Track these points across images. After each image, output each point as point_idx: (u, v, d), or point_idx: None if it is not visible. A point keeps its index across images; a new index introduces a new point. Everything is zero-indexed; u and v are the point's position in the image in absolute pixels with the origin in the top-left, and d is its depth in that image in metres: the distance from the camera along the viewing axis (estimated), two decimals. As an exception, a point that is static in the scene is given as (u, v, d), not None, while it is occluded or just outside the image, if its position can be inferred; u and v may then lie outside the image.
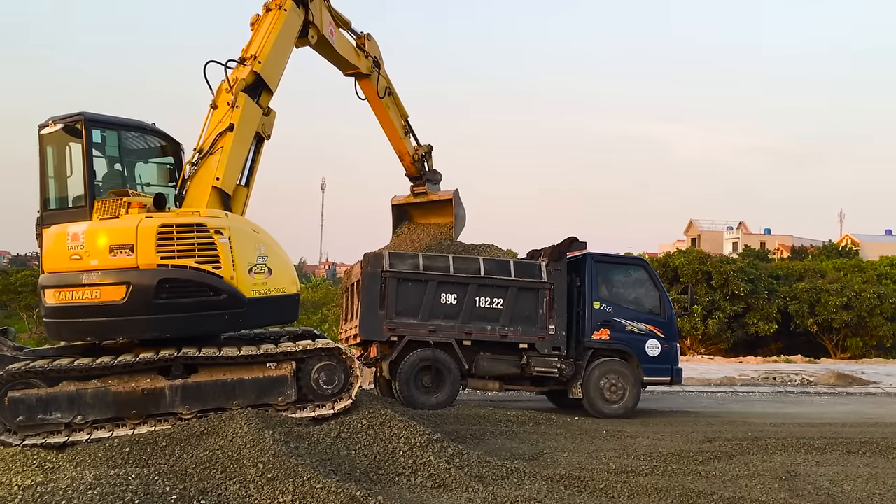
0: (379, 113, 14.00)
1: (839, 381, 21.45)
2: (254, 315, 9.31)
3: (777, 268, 38.79)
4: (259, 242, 9.43)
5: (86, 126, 9.44)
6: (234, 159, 10.06)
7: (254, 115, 10.36)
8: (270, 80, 10.61)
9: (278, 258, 9.60)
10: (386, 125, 14.18)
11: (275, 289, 9.42)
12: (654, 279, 14.38)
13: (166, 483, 6.73)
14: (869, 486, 8.12)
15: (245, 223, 9.70)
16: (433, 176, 14.87)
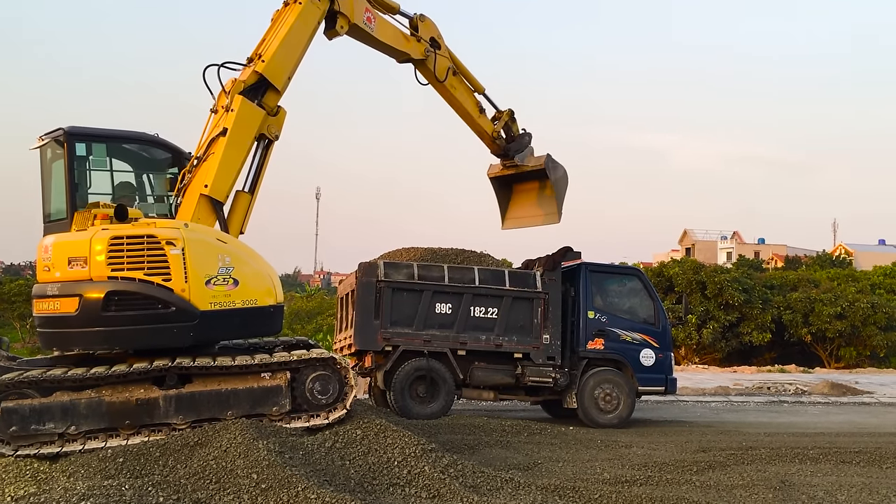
0: (444, 96, 13.11)
1: (833, 390, 21.47)
2: (212, 328, 9.03)
3: (771, 277, 38.86)
4: (223, 253, 9.14)
5: (67, 140, 9.53)
6: (226, 165, 9.82)
7: (252, 117, 10.02)
8: (276, 78, 10.20)
9: (249, 269, 9.32)
10: (455, 107, 13.27)
11: (242, 301, 9.15)
12: (649, 289, 14.41)
13: (160, 494, 6.71)
14: (863, 496, 8.13)
15: (208, 233, 9.37)
16: (520, 143, 13.78)
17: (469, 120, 13.36)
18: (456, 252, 14.41)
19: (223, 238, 9.43)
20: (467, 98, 13.19)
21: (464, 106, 13.13)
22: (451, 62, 12.83)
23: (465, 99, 13.13)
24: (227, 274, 9.05)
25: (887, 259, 50.32)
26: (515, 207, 14.69)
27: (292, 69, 10.43)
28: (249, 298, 9.21)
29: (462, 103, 13.10)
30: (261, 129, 10.15)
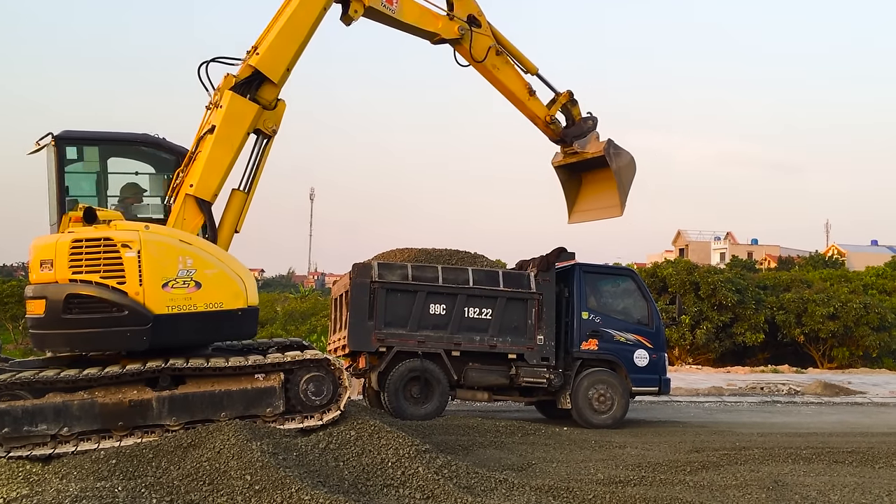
0: (487, 77, 12.23)
1: (826, 391, 21.55)
2: (169, 332, 8.84)
3: (764, 278, 38.99)
4: (185, 255, 8.92)
5: (56, 144, 9.58)
6: (213, 163, 9.58)
7: (242, 112, 9.71)
8: (272, 70, 9.81)
9: (214, 271, 9.06)
10: (500, 89, 12.37)
11: (205, 304, 8.94)
12: (643, 289, 14.43)
13: (153, 495, 6.70)
14: (855, 496, 8.15)
15: (171, 235, 9.11)
16: (580, 128, 12.73)
17: (518, 103, 12.44)
18: (450, 253, 14.42)
19: (188, 240, 9.14)
20: (514, 80, 12.24)
21: (509, 88, 12.20)
22: (493, 41, 11.90)
23: (510, 80, 12.19)
24: (187, 276, 8.88)
25: (880, 260, 50.50)
26: (582, 199, 13.66)
27: (292, 60, 10.00)
28: (213, 301, 8.99)
29: (507, 85, 12.18)
30: (254, 124, 9.84)
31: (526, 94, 12.33)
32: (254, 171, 10.05)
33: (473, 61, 11.86)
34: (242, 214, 9.97)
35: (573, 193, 13.71)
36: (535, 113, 12.51)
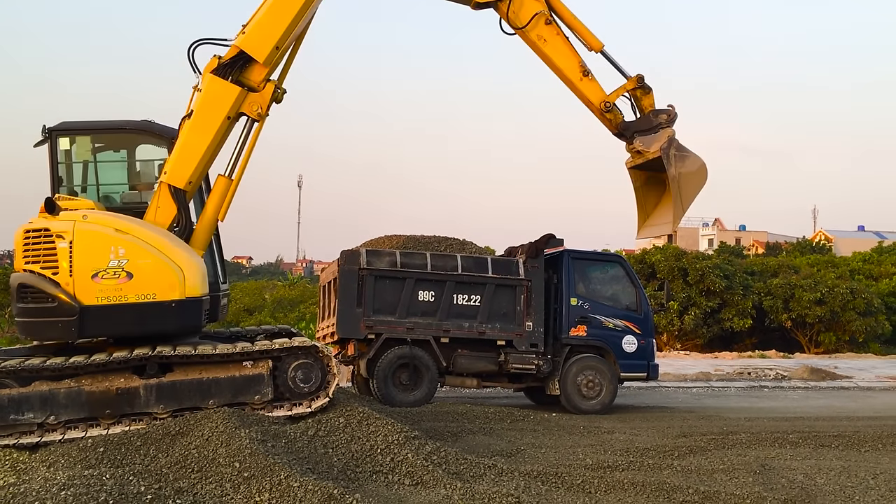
0: (534, 49, 10.77)
1: (812, 375, 21.68)
2: (99, 323, 8.76)
3: (752, 264, 39.15)
4: (118, 245, 8.74)
5: (49, 135, 9.59)
6: (188, 150, 9.31)
7: (222, 95, 9.32)
8: (257, 50, 9.30)
9: (150, 261, 8.79)
10: (549, 65, 10.85)
11: (136, 295, 8.74)
12: (631, 276, 14.46)
13: (141, 483, 6.67)
14: (841, 479, 8.22)
15: (105, 225, 8.88)
16: (649, 121, 10.66)
17: (569, 83, 10.77)
18: (438, 240, 14.40)
19: (125, 229, 8.87)
20: (564, 55, 10.55)
21: (557, 65, 10.56)
22: (543, 6, 10.40)
23: (559, 56, 10.52)
24: (118, 267, 8.72)
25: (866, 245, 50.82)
26: (654, 210, 11.56)
27: (280, 38, 9.37)
28: (146, 293, 8.78)
29: (555, 61, 10.54)
30: (237, 107, 9.41)
31: (578, 74, 10.55)
32: (238, 155, 9.63)
33: (516, 28, 10.39)
34: (226, 202, 9.60)
35: (647, 202, 11.59)
36: (588, 97, 10.74)
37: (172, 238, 9.12)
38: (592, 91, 10.73)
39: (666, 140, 10.41)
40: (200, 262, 9.19)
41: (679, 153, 10.42)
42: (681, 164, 10.39)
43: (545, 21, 10.37)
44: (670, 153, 10.36)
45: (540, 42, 10.43)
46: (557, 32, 10.55)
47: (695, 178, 10.52)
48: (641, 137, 10.56)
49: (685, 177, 10.41)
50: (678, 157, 10.40)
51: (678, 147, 10.40)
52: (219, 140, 9.45)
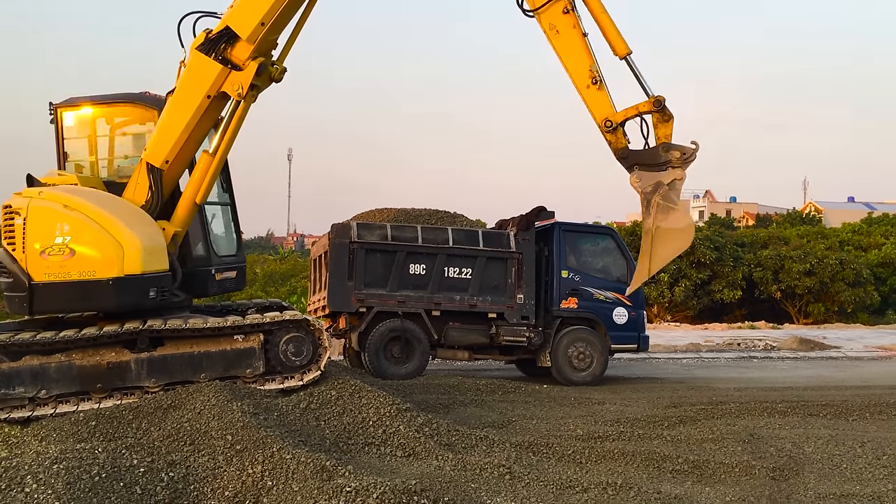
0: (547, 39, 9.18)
1: (801, 346, 21.84)
2: (46, 300, 8.69)
3: (742, 235, 39.27)
4: (63, 222, 8.57)
5: (54, 111, 9.70)
6: (165, 128, 9.04)
7: (202, 73, 8.91)
8: (241, 25, 8.77)
9: (91, 238, 8.58)
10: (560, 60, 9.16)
11: (78, 272, 8.54)
12: (622, 248, 14.48)
13: (134, 456, 6.69)
14: (829, 448, 8.31)
15: (55, 201, 8.71)
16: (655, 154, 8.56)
17: (576, 87, 9.09)
18: (429, 213, 14.37)
19: (74, 205, 8.69)
20: (575, 54, 8.91)
21: (564, 62, 8.98)
22: None
23: (569, 53, 8.89)
24: (63, 244, 8.61)
25: (856, 216, 51.00)
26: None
27: (267, 14, 8.74)
28: (87, 270, 8.61)
29: (563, 58, 8.92)
30: (217, 85, 8.94)
31: (586, 79, 8.82)
32: (222, 135, 9.19)
33: (533, 9, 9.00)
34: (205, 182, 9.23)
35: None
36: (592, 110, 9.01)
37: (121, 214, 8.81)
38: (598, 104, 9.02)
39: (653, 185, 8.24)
40: (149, 238, 8.82)
41: (665, 203, 8.28)
42: (662, 217, 8.25)
43: (563, 9, 8.78)
44: (653, 200, 8.16)
45: (552, 32, 8.93)
46: (574, 25, 8.89)
47: (675, 238, 8.31)
48: (641, 172, 8.45)
49: (663, 233, 8.23)
50: (661, 209, 8.25)
51: (665, 196, 8.19)
52: (198, 119, 9.03)
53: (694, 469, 7.38)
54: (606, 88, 8.93)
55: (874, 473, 7.46)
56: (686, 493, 6.65)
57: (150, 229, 8.93)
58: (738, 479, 7.16)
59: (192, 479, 6.47)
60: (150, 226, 8.97)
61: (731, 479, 7.16)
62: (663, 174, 8.34)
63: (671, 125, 8.57)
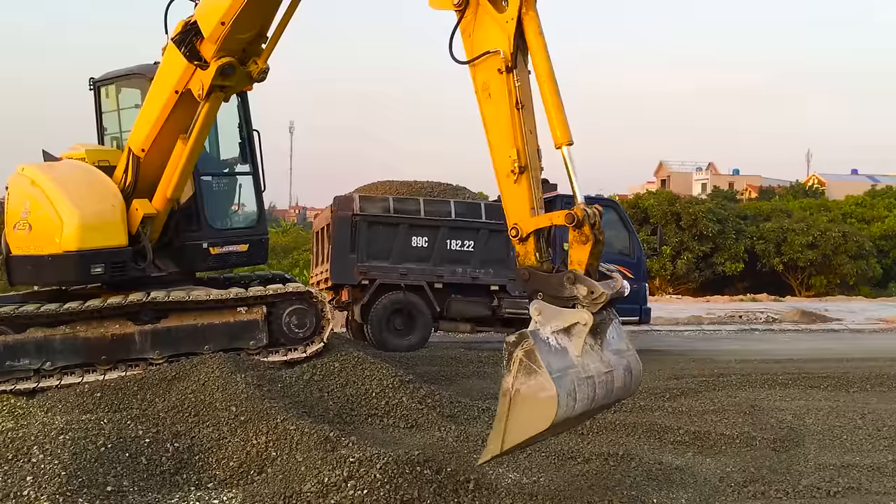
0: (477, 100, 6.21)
1: (803, 318, 21.89)
2: (18, 273, 9.00)
3: (745, 208, 39.25)
4: (26, 198, 8.73)
5: (93, 86, 9.99)
6: (143, 117, 8.72)
7: (172, 67, 8.28)
8: (203, 23, 7.85)
9: (43, 214, 8.57)
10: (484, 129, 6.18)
11: (35, 247, 8.68)
12: (624, 220, 14.47)
13: (139, 427, 6.73)
14: (830, 419, 8.35)
15: (26, 177, 8.83)
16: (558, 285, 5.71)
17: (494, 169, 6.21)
18: (432, 185, 14.35)
19: (37, 182, 8.74)
20: (498, 129, 5.96)
21: (487, 134, 6.07)
22: (505, 46, 5.74)
23: (492, 126, 6.00)
24: (24, 220, 8.76)
25: (859, 189, 50.86)
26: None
27: (225, 13, 7.59)
28: (36, 245, 8.72)
29: (487, 129, 6.05)
30: (184, 82, 8.20)
31: (505, 166, 5.98)
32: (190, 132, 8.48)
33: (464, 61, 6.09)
34: (174, 177, 8.71)
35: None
36: (504, 205, 6.16)
37: (73, 191, 8.67)
38: (512, 201, 6.07)
39: (516, 335, 5.43)
40: (96, 215, 8.63)
41: (531, 364, 5.28)
42: (522, 380, 5.29)
43: (499, 68, 5.87)
44: (515, 355, 5.37)
45: (483, 94, 6.03)
46: (509, 92, 5.87)
47: (532, 411, 5.24)
48: (539, 304, 5.74)
49: (523, 401, 5.26)
50: (525, 370, 5.32)
51: (532, 357, 5.23)
52: (168, 114, 8.43)
53: (695, 440, 7.43)
54: (531, 182, 6.00)
55: (874, 445, 7.51)
56: (687, 464, 6.70)
57: (101, 206, 8.72)
58: (739, 450, 7.20)
59: (197, 449, 6.51)
60: (103, 203, 8.75)
61: (731, 450, 7.20)
62: (566, 314, 5.54)
63: (589, 250, 5.71)
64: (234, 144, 10.08)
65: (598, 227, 5.63)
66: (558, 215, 5.80)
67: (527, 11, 5.59)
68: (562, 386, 4.98)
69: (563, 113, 5.76)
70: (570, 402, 5.04)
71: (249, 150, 10.05)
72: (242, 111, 9.84)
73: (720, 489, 6.09)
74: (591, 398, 5.22)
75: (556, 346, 5.27)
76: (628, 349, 5.79)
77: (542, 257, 6.01)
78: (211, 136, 9.79)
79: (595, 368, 5.31)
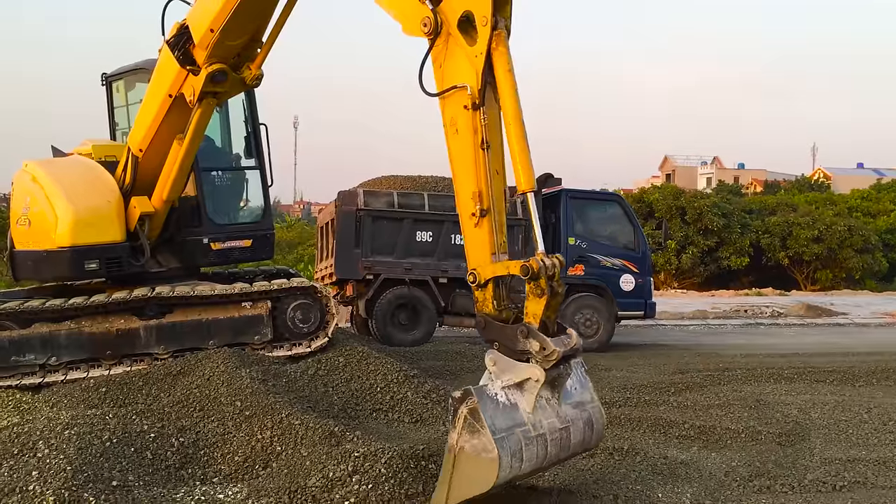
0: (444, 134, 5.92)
1: (809, 312, 21.86)
2: (21, 269, 9.07)
3: (750, 202, 39.18)
4: (27, 194, 8.79)
5: (105, 82, 10.07)
6: (140, 119, 8.58)
7: (165, 71, 8.08)
8: (194, 29, 7.62)
9: (40, 210, 8.59)
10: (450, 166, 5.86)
11: (32, 243, 8.76)
12: (629, 215, 14.45)
13: (144, 422, 6.74)
14: (835, 414, 8.33)
15: (28, 173, 8.83)
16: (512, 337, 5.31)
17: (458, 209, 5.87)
18: (436, 180, 14.32)
19: (37, 178, 8.74)
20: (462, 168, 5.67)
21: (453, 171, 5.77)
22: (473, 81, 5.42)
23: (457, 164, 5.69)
24: (25, 215, 8.82)
25: (865, 182, 50.68)
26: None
27: (213, 20, 7.31)
28: (35, 240, 8.78)
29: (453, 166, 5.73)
30: (177, 86, 8.01)
31: (468, 208, 5.70)
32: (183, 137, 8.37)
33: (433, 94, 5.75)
34: (169, 181, 8.62)
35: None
36: (466, 246, 5.89)
37: (69, 187, 8.64)
38: (473, 244, 5.80)
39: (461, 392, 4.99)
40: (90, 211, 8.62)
41: (475, 422, 4.92)
42: (466, 438, 4.96)
43: (465, 105, 5.51)
44: (460, 412, 4.98)
45: (451, 129, 5.66)
46: (475, 131, 5.52)
47: (475, 471, 4.96)
48: (495, 354, 5.34)
49: (466, 458, 4.95)
50: (469, 428, 4.96)
51: (475, 415, 4.89)
52: (163, 116, 8.27)
53: (700, 434, 7.42)
54: (493, 226, 5.71)
55: (880, 439, 7.48)
56: (692, 459, 6.68)
57: (97, 202, 8.70)
58: (745, 445, 7.19)
59: (202, 444, 6.52)
60: (99, 198, 8.73)
61: (737, 445, 7.19)
62: (518, 368, 5.22)
63: (545, 303, 5.36)
64: (240, 139, 10.03)
65: (557, 278, 5.28)
66: (515, 265, 5.46)
67: (496, 47, 5.28)
68: (504, 448, 4.73)
69: (528, 157, 5.41)
70: (516, 464, 4.81)
71: (255, 144, 9.95)
72: (248, 105, 9.81)
73: (725, 483, 6.08)
74: (541, 457, 4.99)
75: (505, 402, 4.98)
76: (592, 400, 5.51)
77: (499, 305, 5.64)
78: (215, 129, 9.81)
79: (548, 425, 5.03)
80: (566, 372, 5.27)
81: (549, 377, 5.06)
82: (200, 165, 9.37)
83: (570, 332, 5.28)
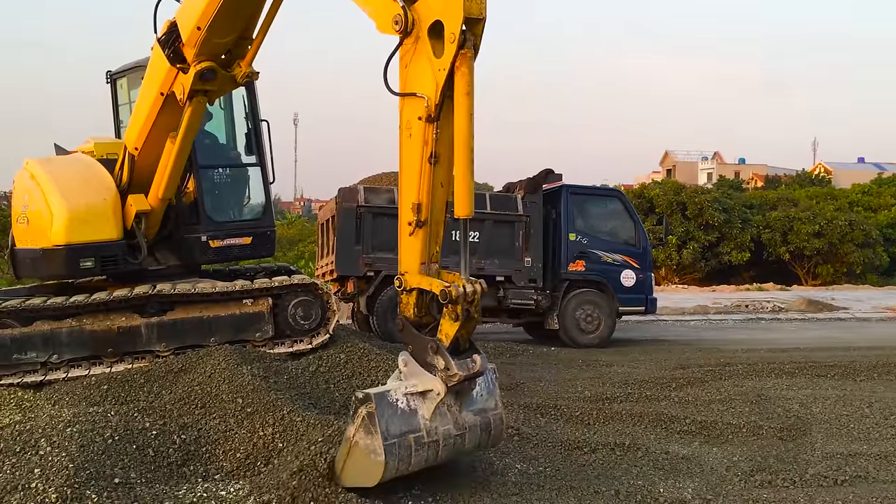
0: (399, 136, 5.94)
1: (810, 307, 21.85)
2: (21, 267, 9.09)
3: (751, 197, 39.15)
4: (26, 192, 8.78)
5: (110, 79, 10.07)
6: (135, 117, 8.55)
7: (157, 69, 7.99)
8: (181, 26, 7.51)
9: (38, 208, 8.59)
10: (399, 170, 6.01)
11: (30, 240, 8.77)
12: (630, 210, 14.45)
13: (146, 419, 6.74)
14: (837, 408, 8.33)
15: (27, 171, 8.81)
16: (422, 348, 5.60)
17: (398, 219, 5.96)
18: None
19: (36, 176, 8.73)
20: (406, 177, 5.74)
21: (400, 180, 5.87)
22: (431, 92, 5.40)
23: (404, 172, 5.77)
24: (24, 214, 8.83)
25: (866, 177, 50.65)
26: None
27: (200, 18, 7.21)
28: (33, 239, 8.73)
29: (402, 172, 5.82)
30: (167, 84, 7.90)
31: (407, 216, 5.78)
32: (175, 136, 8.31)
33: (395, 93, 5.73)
34: (163, 180, 8.60)
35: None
36: (399, 249, 6.05)
37: (64, 185, 8.63)
38: (406, 252, 5.93)
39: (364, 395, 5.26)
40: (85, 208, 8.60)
41: (371, 425, 5.20)
42: (361, 435, 5.26)
43: (419, 116, 5.49)
44: (360, 411, 5.25)
45: (405, 133, 5.67)
46: (425, 143, 5.55)
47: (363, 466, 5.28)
48: (408, 357, 5.67)
49: (358, 452, 5.27)
50: (365, 427, 5.25)
51: (371, 419, 5.19)
52: (156, 115, 8.18)
53: (702, 430, 7.42)
54: (427, 238, 5.80)
55: (881, 433, 7.49)
56: (694, 454, 6.69)
57: (92, 200, 8.68)
58: (746, 440, 7.19)
59: (204, 441, 6.52)
60: (95, 196, 8.71)
61: (738, 440, 7.20)
62: (424, 378, 5.46)
63: (458, 327, 5.42)
64: (241, 135, 10.01)
65: (476, 305, 5.40)
66: (438, 284, 5.52)
67: (459, 66, 5.18)
68: (392, 454, 5.04)
69: (470, 184, 5.43)
70: (403, 466, 5.13)
71: (256, 141, 9.89)
72: (248, 101, 9.79)
73: (727, 478, 6.09)
74: (431, 460, 5.28)
75: (404, 408, 5.24)
76: (495, 407, 5.67)
77: (420, 312, 5.80)
78: (215, 126, 9.82)
79: (444, 432, 5.29)
80: (471, 385, 5.48)
81: (451, 391, 5.31)
82: (199, 163, 9.34)
83: (475, 359, 5.38)
